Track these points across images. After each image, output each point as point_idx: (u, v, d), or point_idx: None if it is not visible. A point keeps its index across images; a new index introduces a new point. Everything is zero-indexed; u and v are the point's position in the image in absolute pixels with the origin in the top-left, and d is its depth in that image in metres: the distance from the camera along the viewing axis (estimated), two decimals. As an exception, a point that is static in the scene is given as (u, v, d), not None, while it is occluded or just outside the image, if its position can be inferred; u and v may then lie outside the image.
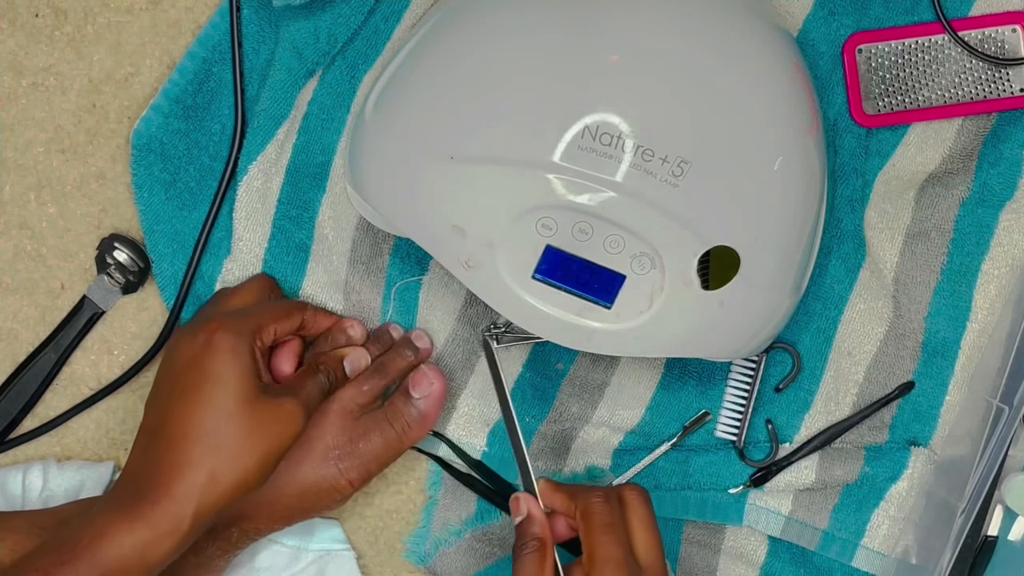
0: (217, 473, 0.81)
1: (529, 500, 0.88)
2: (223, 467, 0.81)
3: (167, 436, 0.82)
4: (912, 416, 0.99)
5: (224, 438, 0.81)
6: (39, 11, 0.95)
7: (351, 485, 0.90)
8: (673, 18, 0.85)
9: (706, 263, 0.85)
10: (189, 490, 0.80)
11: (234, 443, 0.81)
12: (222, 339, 0.84)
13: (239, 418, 0.82)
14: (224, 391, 0.82)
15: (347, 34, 0.94)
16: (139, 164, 0.95)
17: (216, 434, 0.81)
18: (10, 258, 0.96)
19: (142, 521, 0.79)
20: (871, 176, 0.98)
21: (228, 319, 0.86)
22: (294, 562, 0.96)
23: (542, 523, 0.87)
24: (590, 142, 0.82)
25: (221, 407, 0.82)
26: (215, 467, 0.81)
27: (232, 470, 0.81)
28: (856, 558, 0.99)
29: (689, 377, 0.99)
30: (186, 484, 0.80)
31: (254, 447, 0.82)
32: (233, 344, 0.84)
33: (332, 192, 0.95)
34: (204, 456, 0.81)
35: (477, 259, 0.85)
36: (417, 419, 0.92)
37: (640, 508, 0.86)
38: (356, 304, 0.96)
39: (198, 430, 0.81)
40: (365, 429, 0.90)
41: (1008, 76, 0.96)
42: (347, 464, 0.90)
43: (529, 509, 0.87)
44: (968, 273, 0.98)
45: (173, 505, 0.80)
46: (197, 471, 0.81)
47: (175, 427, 0.82)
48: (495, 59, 0.85)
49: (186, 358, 0.84)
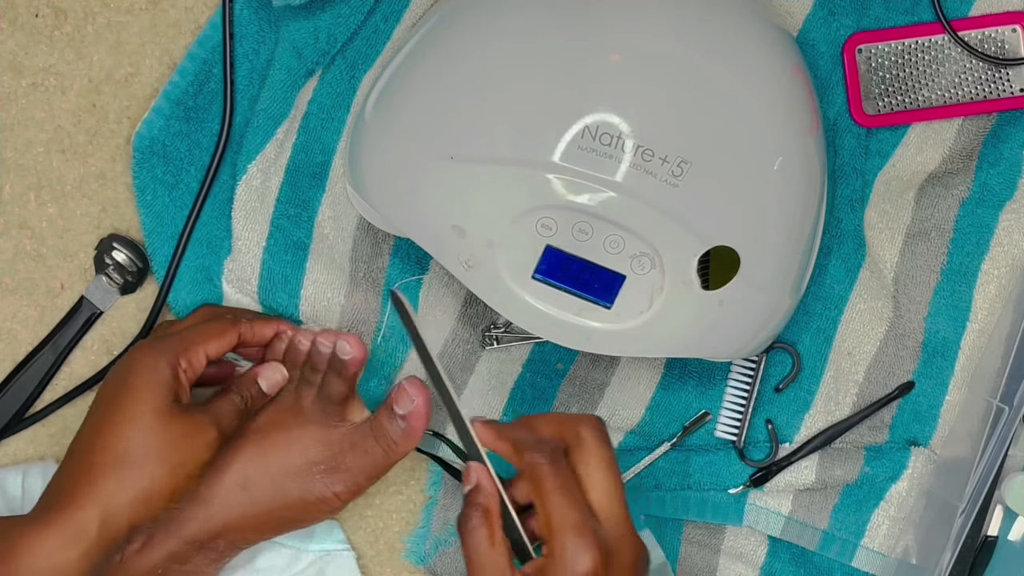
0: (124, 481, 0.82)
1: (481, 471, 0.82)
2: (131, 476, 0.82)
3: (81, 449, 0.84)
4: (912, 416, 0.99)
5: (133, 447, 0.83)
6: (39, 11, 0.95)
7: (338, 498, 0.89)
8: (673, 18, 0.85)
9: (706, 263, 0.85)
10: (95, 495, 0.82)
11: (143, 452, 0.83)
12: (141, 356, 0.86)
13: (150, 430, 0.83)
14: (137, 403, 0.84)
15: (347, 34, 0.94)
16: (141, 167, 0.95)
17: (125, 443, 0.83)
18: (10, 258, 0.96)
19: (50, 528, 0.81)
20: (871, 176, 0.98)
21: (153, 341, 0.88)
22: (294, 563, 0.96)
23: (489, 493, 0.81)
24: (590, 142, 0.82)
25: (132, 419, 0.83)
26: (122, 475, 0.82)
27: (140, 478, 0.82)
28: (856, 558, 0.99)
29: (689, 377, 0.99)
30: (92, 489, 0.82)
31: (164, 457, 0.83)
32: (152, 362, 0.85)
33: (332, 192, 0.95)
34: (111, 465, 0.82)
35: (477, 259, 0.85)
36: (402, 435, 0.90)
37: (596, 448, 0.80)
38: (356, 304, 0.96)
39: (108, 441, 0.83)
40: (351, 444, 0.89)
41: (1008, 76, 0.96)
42: (333, 478, 0.89)
43: (479, 479, 0.82)
44: (968, 273, 0.98)
45: (79, 511, 0.81)
46: (105, 478, 0.82)
47: (88, 439, 0.84)
48: (495, 59, 0.85)
49: (109, 379, 0.87)
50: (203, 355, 0.88)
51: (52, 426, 0.97)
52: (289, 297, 0.95)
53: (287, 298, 0.95)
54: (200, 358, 0.88)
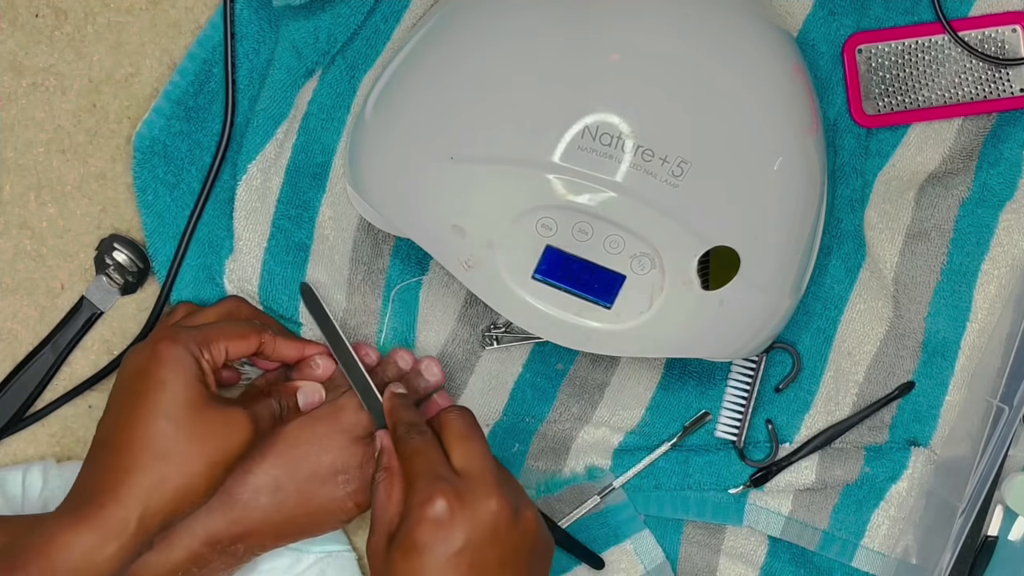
0: (163, 477, 0.81)
1: (383, 436, 0.88)
2: (169, 471, 0.81)
3: (115, 444, 0.83)
4: (912, 416, 0.99)
5: (170, 443, 0.82)
6: (39, 11, 0.95)
7: (358, 507, 0.90)
8: (673, 18, 0.85)
9: (706, 263, 0.85)
10: (135, 493, 0.81)
11: (181, 448, 0.82)
12: (166, 348, 0.84)
13: (185, 424, 0.82)
14: (170, 397, 0.82)
15: (347, 34, 0.94)
16: (142, 167, 0.95)
17: (162, 439, 0.82)
18: (10, 258, 0.96)
19: (88, 525, 0.80)
20: (871, 176, 0.98)
21: (176, 331, 0.86)
22: (296, 564, 0.96)
23: (390, 452, 0.87)
24: (590, 142, 0.82)
25: (166, 413, 0.82)
26: (161, 471, 0.81)
27: (179, 475, 0.81)
28: (856, 558, 0.99)
29: (689, 377, 0.99)
30: (132, 487, 0.81)
31: (202, 452, 0.82)
32: (178, 354, 0.84)
33: (332, 192, 0.95)
34: (150, 461, 0.81)
35: (477, 259, 0.85)
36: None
37: (455, 424, 0.86)
38: (357, 305, 0.96)
39: (144, 436, 0.82)
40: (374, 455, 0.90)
41: (1008, 76, 0.96)
42: (355, 487, 0.90)
43: (382, 443, 0.88)
44: (968, 273, 0.98)
45: (119, 508, 0.80)
46: (143, 475, 0.81)
47: (122, 434, 0.83)
48: (495, 59, 0.85)
49: (133, 369, 0.85)
50: (224, 352, 0.87)
51: (52, 426, 0.97)
52: (289, 298, 0.95)
53: (287, 299, 0.95)
54: (221, 354, 0.87)
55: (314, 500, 0.89)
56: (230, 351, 0.87)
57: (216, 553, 0.87)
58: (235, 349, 0.87)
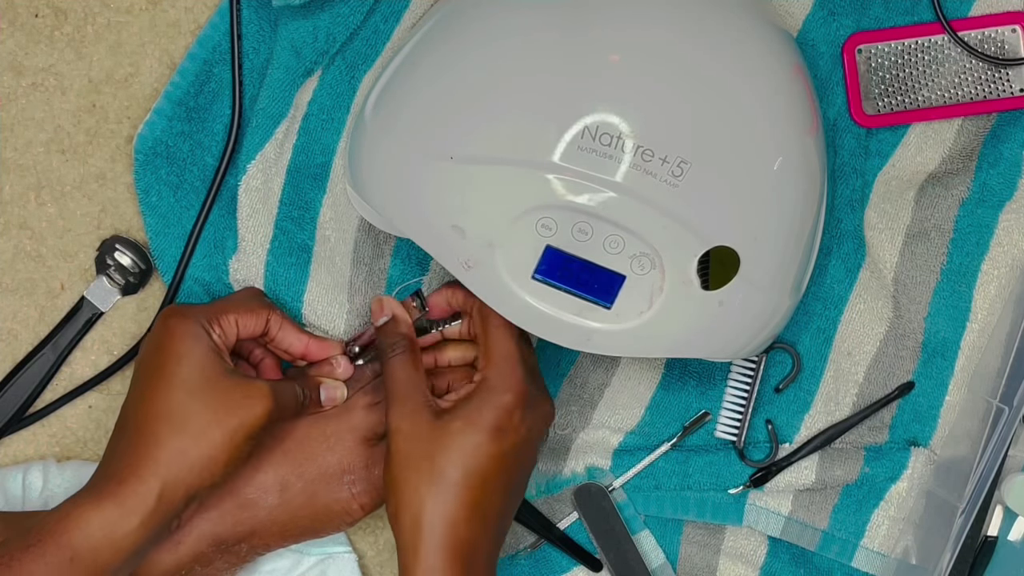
0: (182, 449, 0.80)
1: (391, 302, 0.88)
2: (188, 443, 0.81)
3: (133, 421, 0.82)
4: (912, 416, 0.99)
5: (188, 414, 0.81)
6: (39, 11, 0.95)
7: (362, 509, 0.90)
8: (673, 18, 0.85)
9: (706, 263, 0.85)
10: (154, 466, 0.80)
11: (200, 418, 0.81)
12: (177, 323, 0.84)
13: (201, 394, 0.82)
14: (184, 369, 0.82)
15: (346, 34, 0.94)
16: (145, 168, 0.95)
17: (180, 411, 0.81)
18: (10, 258, 0.96)
19: (108, 500, 0.79)
20: (871, 176, 0.98)
21: (186, 307, 0.86)
22: (297, 565, 0.96)
23: (407, 323, 0.87)
24: (590, 142, 0.82)
25: (182, 384, 0.82)
26: (180, 443, 0.81)
27: (197, 446, 0.81)
28: (856, 558, 0.99)
29: (689, 377, 0.99)
30: (151, 460, 0.80)
31: (219, 422, 0.81)
32: (189, 327, 0.84)
33: (332, 193, 0.95)
34: (169, 433, 0.81)
35: (477, 259, 0.85)
36: None
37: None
38: (359, 306, 0.96)
39: (161, 409, 0.81)
40: (381, 457, 0.90)
41: (1008, 76, 0.96)
42: (360, 489, 0.89)
43: (393, 311, 0.88)
44: (968, 273, 0.98)
45: (139, 483, 0.80)
46: (162, 448, 0.80)
47: (139, 410, 0.82)
48: (495, 59, 0.85)
49: (148, 348, 0.85)
50: (235, 326, 0.87)
51: (52, 426, 0.97)
52: (292, 300, 0.95)
53: (290, 300, 0.95)
54: (232, 327, 0.86)
55: (319, 500, 0.89)
56: (240, 325, 0.87)
57: (220, 553, 0.87)
58: (245, 323, 0.87)
